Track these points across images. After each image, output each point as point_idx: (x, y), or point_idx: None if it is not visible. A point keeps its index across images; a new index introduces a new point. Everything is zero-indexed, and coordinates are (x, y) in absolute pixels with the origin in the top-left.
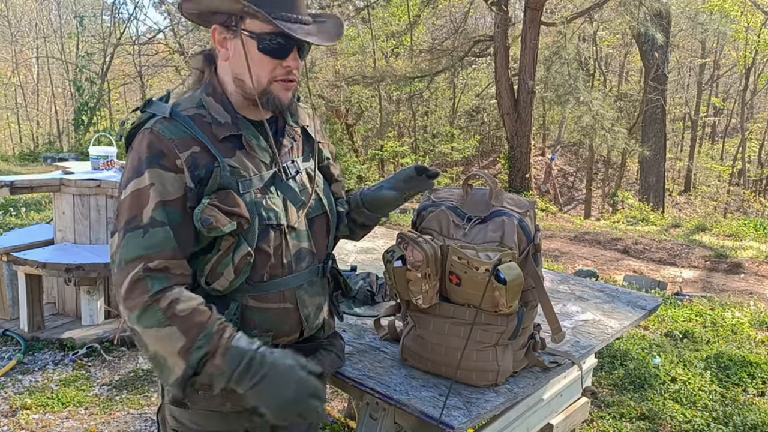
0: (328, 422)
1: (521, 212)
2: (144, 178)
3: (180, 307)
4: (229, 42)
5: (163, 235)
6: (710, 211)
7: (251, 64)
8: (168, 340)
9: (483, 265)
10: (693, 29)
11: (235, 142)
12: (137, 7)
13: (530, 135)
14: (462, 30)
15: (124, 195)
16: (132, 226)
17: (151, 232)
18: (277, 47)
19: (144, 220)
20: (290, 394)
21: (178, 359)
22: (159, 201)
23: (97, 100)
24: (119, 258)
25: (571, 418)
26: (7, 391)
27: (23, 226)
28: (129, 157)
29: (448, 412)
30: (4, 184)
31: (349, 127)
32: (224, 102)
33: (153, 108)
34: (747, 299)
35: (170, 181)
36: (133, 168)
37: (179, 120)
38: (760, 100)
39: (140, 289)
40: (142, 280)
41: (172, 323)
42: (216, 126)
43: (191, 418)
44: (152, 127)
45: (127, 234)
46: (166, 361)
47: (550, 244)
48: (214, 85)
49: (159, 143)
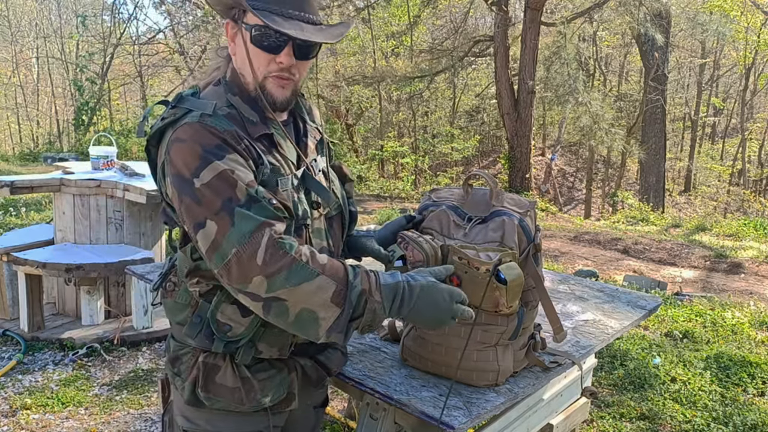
0: (328, 422)
1: (521, 212)
2: (222, 162)
3: (320, 259)
4: (237, 37)
5: (264, 206)
6: (710, 211)
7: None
8: (320, 291)
9: (483, 265)
10: (693, 29)
11: (268, 140)
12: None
13: (530, 135)
14: (462, 30)
15: (200, 182)
16: (233, 205)
17: (254, 206)
18: (271, 41)
19: (242, 198)
20: (443, 307)
21: (331, 306)
22: (247, 181)
23: (97, 100)
24: (238, 235)
25: (571, 418)
26: (7, 391)
27: (23, 226)
28: (182, 149)
29: (448, 412)
30: (5, 184)
31: (349, 127)
32: (251, 101)
33: (188, 104)
34: (747, 299)
35: (243, 164)
36: (201, 155)
37: (220, 117)
38: (760, 100)
39: (279, 250)
40: (278, 243)
41: (322, 272)
42: (249, 125)
43: (207, 419)
44: (201, 121)
45: (234, 212)
46: (317, 313)
47: (550, 244)
48: (239, 84)
49: (217, 133)
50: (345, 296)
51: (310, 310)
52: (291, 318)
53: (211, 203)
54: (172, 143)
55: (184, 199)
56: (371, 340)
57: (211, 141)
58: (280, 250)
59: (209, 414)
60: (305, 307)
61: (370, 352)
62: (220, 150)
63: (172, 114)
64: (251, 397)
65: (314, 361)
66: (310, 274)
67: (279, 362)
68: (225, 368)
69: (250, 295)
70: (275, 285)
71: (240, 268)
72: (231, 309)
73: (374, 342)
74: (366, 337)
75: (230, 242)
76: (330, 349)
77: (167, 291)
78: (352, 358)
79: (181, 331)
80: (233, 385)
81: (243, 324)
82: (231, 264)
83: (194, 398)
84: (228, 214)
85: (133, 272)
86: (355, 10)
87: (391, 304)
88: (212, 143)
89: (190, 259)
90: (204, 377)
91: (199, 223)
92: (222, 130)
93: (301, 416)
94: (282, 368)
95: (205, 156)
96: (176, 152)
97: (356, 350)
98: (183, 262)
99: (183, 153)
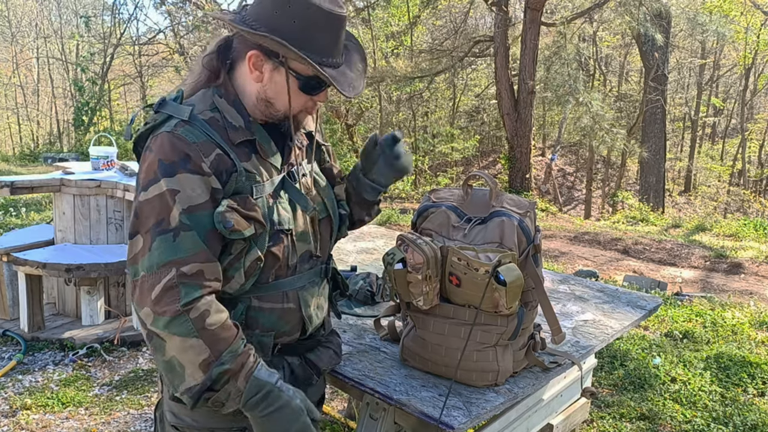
0: (328, 422)
1: (521, 213)
2: (170, 181)
3: (210, 321)
4: (266, 68)
5: (194, 239)
6: (710, 212)
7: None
8: (192, 350)
9: (483, 267)
10: (693, 30)
11: (250, 146)
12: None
13: (530, 135)
14: (462, 30)
15: (145, 197)
16: (160, 229)
17: (182, 235)
18: (316, 86)
19: (172, 224)
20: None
21: (197, 370)
22: (188, 205)
23: (97, 100)
24: (149, 262)
25: (571, 418)
26: (7, 391)
27: (23, 226)
28: (147, 159)
29: (448, 412)
30: (5, 184)
31: (349, 127)
32: (237, 105)
33: (169, 109)
34: (747, 299)
35: (198, 185)
36: (155, 170)
37: (197, 123)
38: (760, 100)
39: (173, 296)
40: (176, 288)
41: (199, 336)
42: (231, 130)
43: (191, 415)
44: (173, 130)
45: (156, 237)
46: (184, 369)
47: (550, 244)
48: (227, 87)
49: (183, 146)
50: (209, 367)
51: (180, 363)
52: (165, 357)
53: (145, 220)
54: (145, 150)
55: (133, 205)
56: (371, 340)
57: (171, 156)
58: (171, 296)
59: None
60: (177, 357)
61: (370, 352)
62: (175, 167)
63: (154, 119)
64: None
65: (303, 359)
66: (189, 332)
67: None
68: None
69: (140, 319)
70: (157, 324)
71: (140, 293)
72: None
73: (374, 342)
74: (366, 337)
75: (143, 265)
76: (320, 347)
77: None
78: (352, 358)
79: None
80: None
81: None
82: (136, 284)
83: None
84: (152, 236)
85: None
86: (354, 10)
87: (249, 398)
88: (171, 159)
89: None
90: None
91: (131, 232)
92: (191, 142)
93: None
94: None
95: (158, 171)
96: (143, 160)
97: (356, 350)
98: None
99: (146, 163)
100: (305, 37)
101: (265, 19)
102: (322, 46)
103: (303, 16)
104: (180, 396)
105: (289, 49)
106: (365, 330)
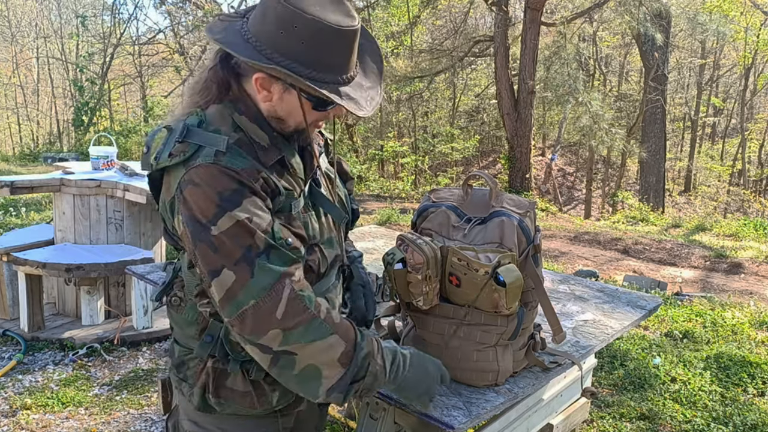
0: (328, 422)
1: (521, 213)
2: (240, 209)
3: (334, 315)
4: (275, 89)
5: (283, 251)
6: (710, 211)
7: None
8: (331, 349)
9: (482, 267)
10: (693, 29)
11: (281, 164)
12: (137, 7)
13: (530, 135)
14: (462, 30)
15: (218, 230)
16: (253, 254)
17: (273, 254)
18: (330, 103)
19: (261, 247)
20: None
21: (335, 365)
22: (264, 228)
23: (97, 100)
24: (256, 287)
25: (571, 418)
26: (7, 391)
27: (23, 226)
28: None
29: (448, 412)
30: (5, 184)
31: (349, 127)
32: (259, 120)
33: (197, 138)
34: (747, 299)
35: (262, 207)
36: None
37: (234, 151)
38: (760, 100)
39: (299, 305)
40: (298, 297)
41: (335, 331)
42: (261, 151)
43: (217, 424)
44: (215, 162)
45: (253, 262)
46: (321, 371)
47: (550, 244)
48: (246, 102)
49: (234, 175)
50: (352, 357)
51: (316, 367)
52: (295, 371)
53: (229, 253)
54: (186, 184)
55: (199, 245)
56: None
57: (228, 185)
58: (300, 305)
59: (219, 418)
60: (312, 363)
61: None
62: (238, 195)
63: (181, 152)
64: (263, 400)
65: None
66: (325, 331)
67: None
68: (235, 374)
69: (260, 347)
70: (290, 339)
71: (256, 321)
72: None
73: None
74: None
75: (249, 294)
76: None
77: (173, 305)
78: None
79: (188, 337)
80: (244, 390)
81: None
82: (246, 315)
83: (204, 404)
84: (247, 264)
85: (133, 272)
86: (354, 10)
87: (390, 368)
88: (229, 188)
89: (200, 281)
90: (214, 383)
91: (215, 270)
92: (239, 169)
93: (307, 416)
94: None
95: (222, 204)
96: (191, 195)
97: None
98: (191, 281)
99: (198, 198)
100: (315, 60)
101: (270, 40)
102: (335, 65)
103: (311, 36)
104: (325, 400)
105: (299, 81)
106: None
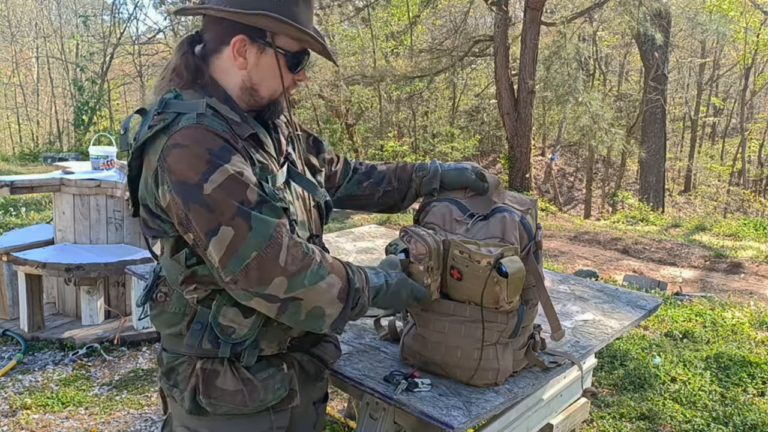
0: (328, 422)
1: (523, 210)
2: (227, 167)
3: (327, 256)
4: (251, 53)
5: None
6: (710, 211)
7: (272, 77)
8: (331, 288)
9: (485, 258)
10: (693, 29)
11: (255, 139)
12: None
13: (530, 135)
14: (462, 30)
15: (211, 187)
16: (247, 208)
17: (265, 207)
18: (299, 62)
19: (254, 201)
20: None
21: (334, 302)
22: (254, 182)
23: (97, 100)
24: (255, 240)
25: (571, 418)
26: (7, 391)
27: (23, 226)
28: (182, 155)
29: (447, 411)
30: (4, 184)
31: (349, 127)
32: (229, 101)
33: (175, 107)
34: (747, 299)
35: (246, 165)
36: (207, 160)
37: (212, 118)
38: (760, 100)
39: (298, 251)
40: (297, 244)
41: (332, 271)
42: (234, 125)
43: (210, 426)
44: (198, 123)
45: (249, 216)
46: (324, 310)
47: (550, 243)
48: (214, 86)
49: (219, 134)
50: (348, 292)
51: (320, 307)
52: (302, 316)
53: (224, 209)
54: (170, 149)
55: (193, 207)
56: (371, 340)
57: (216, 143)
58: (300, 250)
59: (212, 420)
60: (317, 305)
61: (370, 352)
62: (226, 151)
63: (161, 120)
64: (254, 397)
65: (310, 355)
66: (324, 272)
67: (277, 359)
68: (224, 372)
69: (267, 297)
70: (295, 285)
71: (261, 271)
72: (233, 311)
73: (374, 342)
74: (366, 337)
75: (250, 246)
76: (323, 342)
77: (159, 302)
78: (352, 358)
79: (175, 342)
80: (235, 388)
81: (246, 325)
82: (250, 267)
83: (196, 406)
84: (244, 218)
85: (133, 272)
86: (354, 10)
87: (373, 300)
88: (217, 145)
89: (185, 266)
90: (204, 383)
91: (212, 229)
92: (222, 130)
93: (302, 413)
94: (280, 366)
95: (213, 159)
96: (177, 158)
97: (356, 350)
98: (175, 270)
99: (186, 158)
100: (288, 12)
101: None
102: (303, 20)
103: None
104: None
105: (285, 23)
106: (365, 330)
